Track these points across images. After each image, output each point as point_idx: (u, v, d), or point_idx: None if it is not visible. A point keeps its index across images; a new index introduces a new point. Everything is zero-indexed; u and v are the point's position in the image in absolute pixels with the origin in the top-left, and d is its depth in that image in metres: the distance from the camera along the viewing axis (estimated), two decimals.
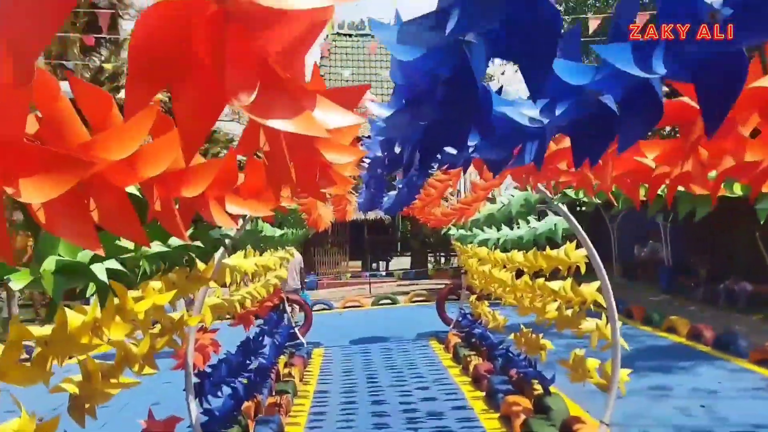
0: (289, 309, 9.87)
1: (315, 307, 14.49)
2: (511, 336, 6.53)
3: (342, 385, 7.57)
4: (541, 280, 5.59)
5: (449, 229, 9.05)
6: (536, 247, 5.48)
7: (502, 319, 7.58)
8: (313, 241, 20.50)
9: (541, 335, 6.11)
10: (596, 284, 4.69)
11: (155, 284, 3.43)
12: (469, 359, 7.62)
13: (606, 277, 4.34)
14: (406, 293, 16.80)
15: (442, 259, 22.18)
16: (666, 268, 14.09)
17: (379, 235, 27.69)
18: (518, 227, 5.79)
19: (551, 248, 5.25)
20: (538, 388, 6.07)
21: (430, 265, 21.73)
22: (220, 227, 4.09)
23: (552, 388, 5.80)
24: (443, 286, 18.54)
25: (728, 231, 11.63)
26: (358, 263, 24.17)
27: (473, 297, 9.12)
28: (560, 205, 4.32)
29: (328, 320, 13.10)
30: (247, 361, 6.41)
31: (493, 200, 6.04)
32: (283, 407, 6.27)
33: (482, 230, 7.27)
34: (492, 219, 5.75)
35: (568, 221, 4.38)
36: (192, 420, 4.27)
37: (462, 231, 8.55)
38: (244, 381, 6.22)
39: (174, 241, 3.34)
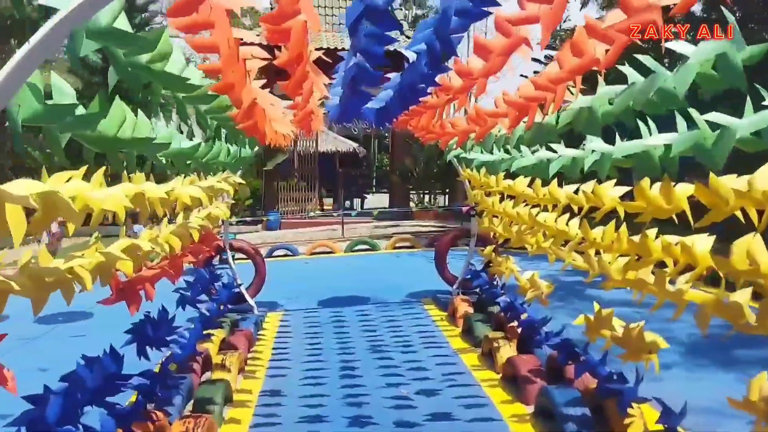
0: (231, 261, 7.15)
1: (275, 254, 11.85)
2: (579, 319, 3.95)
3: (304, 381, 4.99)
4: (667, 238, 3.01)
5: (461, 152, 6.34)
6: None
7: (545, 285, 5.01)
8: (275, 173, 17.75)
9: (641, 324, 3.55)
10: None
11: None
12: (495, 344, 5.08)
13: None
14: (387, 237, 14.24)
15: (426, 197, 19.57)
16: None
17: (353, 168, 25.01)
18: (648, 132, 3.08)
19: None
20: (633, 417, 3.58)
21: (412, 204, 19.09)
22: None
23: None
24: (431, 228, 15.96)
25: None
26: (329, 200, 21.52)
27: (489, 249, 6.53)
28: None
29: (291, 271, 10.47)
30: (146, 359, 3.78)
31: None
32: None
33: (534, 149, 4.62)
34: (586, 118, 3.05)
35: None
36: None
37: (478, 154, 5.88)
38: (132, 400, 3.62)
39: None
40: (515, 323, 5.48)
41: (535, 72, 15.83)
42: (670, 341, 5.83)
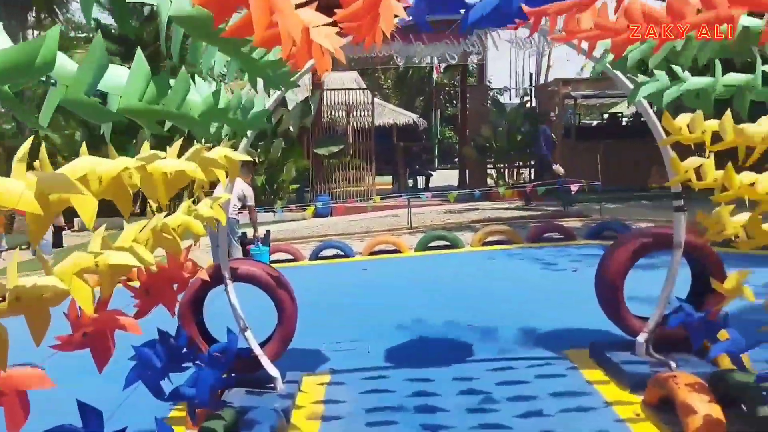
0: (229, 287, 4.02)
1: (322, 253, 8.78)
2: None
3: None
4: None
5: (685, 83, 2.98)
6: None
7: None
8: (320, 146, 14.76)
9: None
10: None
11: None
12: None
13: None
14: (466, 225, 10.97)
15: (506, 173, 16.07)
16: None
17: (412, 142, 21.75)
18: None
19: None
20: None
21: (490, 181, 15.64)
22: None
23: None
24: (518, 213, 12.15)
25: None
26: (387, 179, 18.36)
27: (734, 279, 3.20)
28: None
29: (342, 284, 7.31)
30: None
31: None
32: None
33: None
34: None
35: None
36: None
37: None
38: None
39: None
40: None
41: None
42: None
